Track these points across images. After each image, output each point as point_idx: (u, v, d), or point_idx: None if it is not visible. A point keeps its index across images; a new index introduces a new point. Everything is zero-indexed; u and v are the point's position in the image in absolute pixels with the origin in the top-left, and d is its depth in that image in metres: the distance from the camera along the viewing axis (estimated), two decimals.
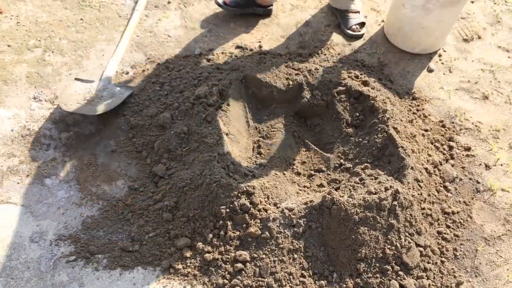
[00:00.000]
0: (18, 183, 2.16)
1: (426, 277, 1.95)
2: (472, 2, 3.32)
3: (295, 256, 1.94)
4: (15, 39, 2.72)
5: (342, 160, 2.29)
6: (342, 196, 1.97)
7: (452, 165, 2.35)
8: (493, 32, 3.13)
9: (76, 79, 2.53)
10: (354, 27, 3.01)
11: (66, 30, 2.84)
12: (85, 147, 2.33)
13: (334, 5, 3.09)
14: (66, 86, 2.51)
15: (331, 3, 3.13)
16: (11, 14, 2.86)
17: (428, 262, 2.00)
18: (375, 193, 2.01)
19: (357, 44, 2.97)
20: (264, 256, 1.93)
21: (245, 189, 2.00)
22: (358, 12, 3.07)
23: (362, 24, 3.05)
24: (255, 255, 1.93)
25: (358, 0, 3.07)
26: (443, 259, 2.03)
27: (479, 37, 3.09)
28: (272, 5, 3.09)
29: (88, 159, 2.28)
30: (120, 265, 1.94)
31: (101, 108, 2.38)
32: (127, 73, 2.67)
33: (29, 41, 2.73)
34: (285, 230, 1.97)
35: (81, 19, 2.92)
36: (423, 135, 2.42)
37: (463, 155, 2.42)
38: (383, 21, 3.14)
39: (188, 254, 1.96)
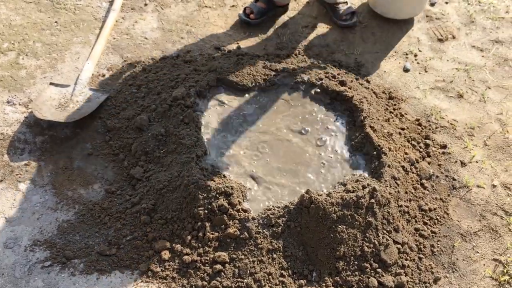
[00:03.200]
0: None
1: (404, 274, 1.97)
2: (446, 3, 3.38)
3: (274, 256, 1.94)
4: None
5: None
6: (320, 195, 1.98)
7: (429, 163, 2.38)
8: (467, 32, 3.18)
9: (51, 83, 2.49)
10: (344, 17, 3.06)
11: (40, 33, 2.80)
12: (61, 150, 2.29)
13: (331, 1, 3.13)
14: (41, 91, 2.46)
15: None
16: None
17: (406, 259, 2.01)
18: (353, 191, 2.03)
19: (334, 45, 3.00)
20: (243, 256, 1.92)
21: (223, 190, 1.99)
22: (346, 2, 3.11)
23: (352, 13, 3.08)
24: (234, 256, 1.92)
25: None
26: (420, 255, 2.05)
27: (454, 37, 3.14)
28: (289, 3, 3.14)
29: (64, 163, 2.24)
30: (97, 270, 1.91)
31: (76, 115, 2.34)
32: (104, 75, 2.64)
33: (3, 44, 2.68)
34: (264, 230, 1.96)
35: (56, 22, 2.88)
36: (399, 133, 2.45)
37: (439, 152, 2.45)
38: None
39: (166, 256, 1.94)
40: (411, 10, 3.14)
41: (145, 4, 3.09)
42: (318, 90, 2.54)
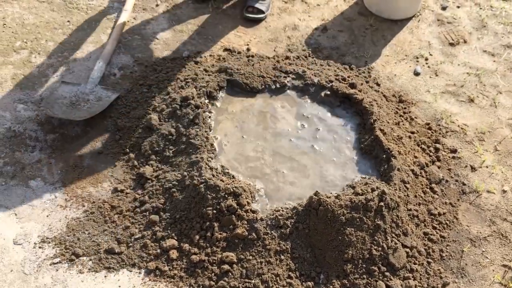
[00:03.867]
0: (2, 184, 2.13)
1: (412, 278, 1.96)
2: (458, 7, 3.36)
3: (282, 257, 1.94)
4: (1, 41, 2.69)
5: None
6: (329, 197, 1.98)
7: (438, 167, 2.37)
8: (478, 36, 3.17)
9: (62, 82, 2.51)
10: (250, 8, 3.06)
11: (53, 32, 2.82)
12: (71, 149, 2.31)
13: None
14: (52, 89, 2.49)
15: None
16: None
17: (415, 263, 2.00)
18: (362, 194, 2.02)
19: (345, 47, 2.99)
20: (251, 257, 1.92)
21: (232, 190, 1.99)
22: None
23: (258, 10, 3.07)
24: (242, 257, 1.92)
25: None
26: (429, 260, 2.04)
27: (465, 41, 3.12)
28: None
29: (74, 161, 2.26)
30: (105, 268, 1.92)
31: (86, 113, 2.36)
32: (115, 75, 2.66)
33: (16, 43, 2.71)
34: (272, 231, 1.96)
35: (68, 21, 2.90)
36: (409, 137, 2.44)
37: (449, 157, 2.44)
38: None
39: (174, 256, 1.94)
40: (405, 10, 3.19)
41: (157, 5, 3.10)
42: (328, 92, 2.53)
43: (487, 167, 2.43)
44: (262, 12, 3.08)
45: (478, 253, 2.11)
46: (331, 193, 2.08)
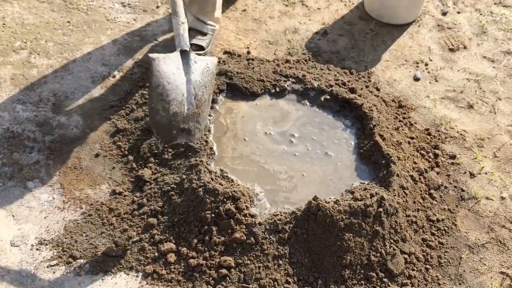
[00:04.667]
0: (0, 185, 2.12)
1: (410, 284, 1.96)
2: (459, 12, 3.37)
3: (280, 262, 1.93)
4: (0, 41, 2.69)
5: None
6: (328, 202, 1.97)
7: (437, 173, 2.37)
8: (478, 42, 3.17)
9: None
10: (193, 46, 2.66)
11: (52, 32, 2.81)
12: (70, 150, 2.30)
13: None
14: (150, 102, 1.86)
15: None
16: None
17: (413, 269, 2.00)
18: (361, 200, 2.02)
19: (345, 52, 2.99)
20: (249, 262, 1.91)
21: (230, 194, 1.99)
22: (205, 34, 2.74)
23: (200, 47, 2.72)
24: (240, 261, 1.92)
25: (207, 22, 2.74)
26: (427, 266, 2.04)
27: (465, 47, 3.13)
28: None
29: (72, 163, 2.25)
30: (102, 270, 1.91)
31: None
32: (114, 76, 2.65)
33: (15, 43, 2.70)
34: (271, 236, 1.96)
35: (68, 22, 2.89)
36: (409, 142, 2.44)
37: (448, 163, 2.44)
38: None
39: (172, 259, 1.93)
40: (406, 15, 3.20)
41: (157, 7, 3.10)
42: (328, 97, 2.53)
43: (486, 173, 2.43)
44: (202, 48, 2.74)
45: (476, 260, 2.11)
46: (330, 198, 2.07)
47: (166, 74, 1.83)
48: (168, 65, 1.84)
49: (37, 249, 1.95)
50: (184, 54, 1.91)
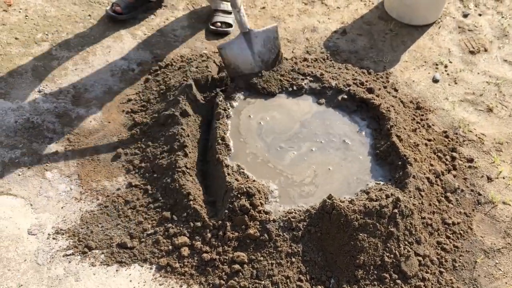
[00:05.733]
0: (19, 175, 2.16)
1: (424, 287, 1.94)
2: (480, 15, 3.33)
3: (293, 259, 1.93)
4: (22, 32, 2.73)
5: None
6: (343, 202, 1.97)
7: (454, 176, 2.34)
8: (499, 45, 3.13)
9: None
10: (218, 23, 2.97)
11: (73, 25, 2.85)
12: (88, 142, 2.33)
13: (213, 7, 3.06)
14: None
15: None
16: (19, 7, 2.87)
17: (427, 272, 1.98)
18: (376, 200, 2.01)
19: (363, 52, 2.98)
20: (262, 258, 1.92)
21: (245, 190, 1.99)
22: (229, 13, 3.00)
23: (227, 24, 3.00)
24: (253, 257, 1.92)
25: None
26: (441, 269, 2.02)
27: (486, 50, 3.09)
28: None
29: (90, 154, 2.28)
30: (117, 261, 1.93)
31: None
32: (133, 70, 2.68)
33: (37, 35, 2.74)
34: (284, 233, 1.96)
35: (89, 15, 2.93)
36: (426, 144, 2.42)
37: (465, 166, 2.41)
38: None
39: (186, 253, 1.95)
40: (426, 16, 3.18)
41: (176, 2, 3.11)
42: (345, 96, 2.52)
43: (503, 178, 2.40)
44: (230, 25, 3.02)
45: (492, 264, 2.09)
46: (344, 198, 2.07)
47: (233, 55, 2.45)
48: (233, 49, 2.45)
49: (53, 238, 1.98)
50: (246, 35, 2.45)
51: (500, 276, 2.06)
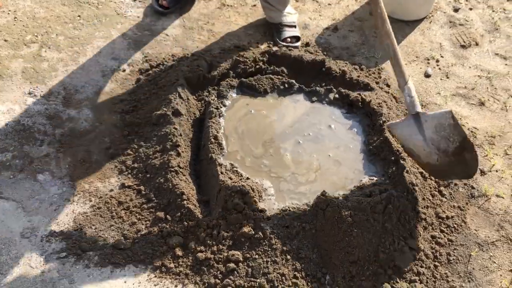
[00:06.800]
0: (11, 178, 2.14)
1: (419, 281, 1.95)
2: (471, 9, 3.33)
3: (288, 257, 1.93)
4: (12, 34, 2.71)
5: None
6: (337, 198, 1.97)
7: None
8: (490, 39, 3.14)
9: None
10: (289, 39, 2.87)
11: (63, 26, 2.83)
12: (80, 143, 2.31)
13: (269, 20, 2.96)
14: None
15: (267, 18, 2.99)
16: (8, 9, 2.85)
17: (421, 266, 1.99)
18: (370, 196, 2.01)
19: (355, 48, 2.98)
20: (257, 256, 1.91)
21: (239, 188, 1.99)
22: (294, 26, 2.93)
23: (297, 38, 2.91)
24: (248, 255, 1.92)
25: (292, 12, 2.96)
26: (436, 263, 2.02)
27: (477, 44, 3.10)
28: None
29: (82, 156, 2.26)
30: (111, 263, 1.92)
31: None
32: (124, 70, 2.66)
33: (26, 36, 2.72)
34: (279, 231, 1.96)
35: (79, 16, 2.91)
36: None
37: None
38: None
39: (180, 253, 1.94)
40: (417, 11, 3.18)
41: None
42: (337, 96, 2.52)
43: (496, 171, 2.41)
44: (299, 38, 2.92)
45: (486, 257, 2.10)
46: (338, 194, 2.07)
47: (404, 138, 2.18)
48: (403, 131, 2.17)
49: (47, 241, 1.96)
50: (416, 117, 2.11)
51: (495, 268, 2.06)
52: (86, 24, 2.87)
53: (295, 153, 2.27)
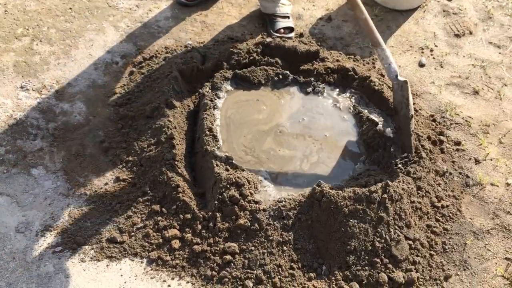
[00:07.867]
0: (4, 172, 2.12)
1: (415, 270, 1.95)
2: None
3: (285, 248, 1.93)
4: (2, 28, 2.67)
5: None
6: (332, 188, 1.97)
7: (442, 159, 2.35)
8: (484, 28, 3.13)
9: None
10: (282, 30, 2.86)
11: (54, 19, 2.80)
12: (73, 137, 2.29)
13: (263, 10, 2.95)
14: None
15: (261, 9, 2.98)
16: None
17: (417, 255, 2.00)
18: (365, 186, 2.01)
19: (349, 38, 2.97)
20: (253, 248, 1.91)
21: (234, 180, 1.98)
22: (287, 16, 2.92)
23: (291, 29, 2.90)
24: (244, 247, 1.92)
25: (287, 3, 2.94)
26: (432, 252, 2.03)
27: (471, 33, 3.09)
28: None
29: (76, 150, 2.25)
30: (107, 257, 1.91)
31: None
32: (117, 63, 2.64)
33: (17, 30, 2.69)
34: (275, 222, 1.96)
35: (70, 8, 2.87)
36: None
37: (453, 149, 2.42)
38: None
39: (176, 245, 1.94)
40: (411, 1, 3.16)
41: None
42: (332, 84, 2.51)
43: (491, 159, 2.42)
44: (293, 29, 2.91)
45: (481, 246, 2.11)
46: (334, 185, 2.07)
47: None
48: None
49: (42, 236, 1.96)
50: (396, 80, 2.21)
51: (490, 257, 2.08)
52: (77, 17, 2.83)
53: (290, 144, 2.27)
